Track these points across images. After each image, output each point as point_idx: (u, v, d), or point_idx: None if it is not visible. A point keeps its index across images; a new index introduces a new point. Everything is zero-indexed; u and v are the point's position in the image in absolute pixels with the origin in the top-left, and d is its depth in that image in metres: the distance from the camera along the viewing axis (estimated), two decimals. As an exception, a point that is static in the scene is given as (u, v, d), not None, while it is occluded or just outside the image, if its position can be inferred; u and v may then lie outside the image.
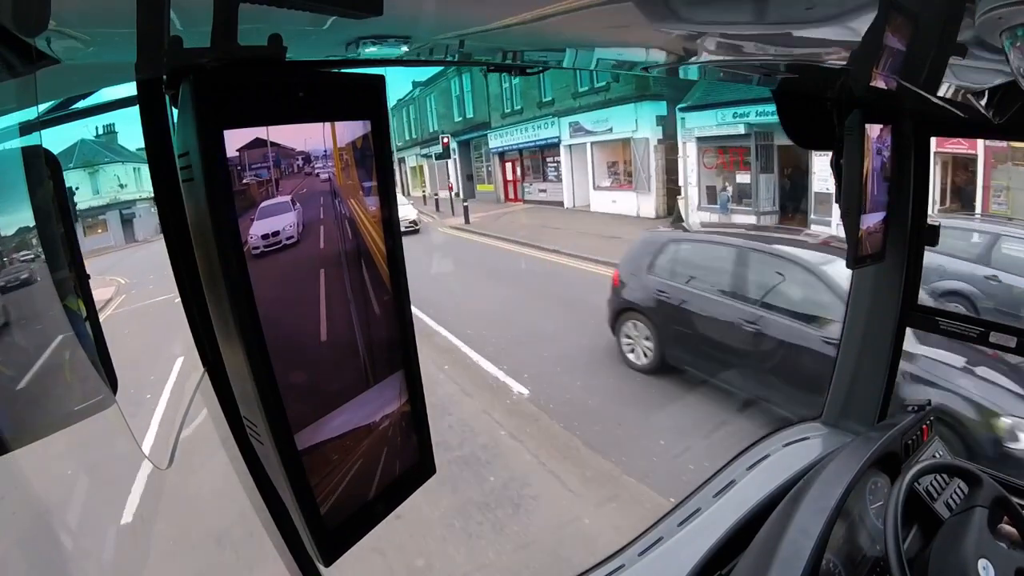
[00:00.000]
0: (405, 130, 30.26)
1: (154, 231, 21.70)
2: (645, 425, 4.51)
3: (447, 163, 24.80)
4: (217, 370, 0.64)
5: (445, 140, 22.24)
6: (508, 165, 22.15)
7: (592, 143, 17.09)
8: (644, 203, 15.28)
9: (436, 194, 23.60)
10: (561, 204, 18.81)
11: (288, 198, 0.60)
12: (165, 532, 3.64)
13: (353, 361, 0.65)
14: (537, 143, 19.53)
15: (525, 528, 3.40)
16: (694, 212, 13.52)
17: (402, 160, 31.12)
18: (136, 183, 23.45)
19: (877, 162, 1.47)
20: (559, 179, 19.15)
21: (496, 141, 21.77)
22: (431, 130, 26.78)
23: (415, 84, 27.49)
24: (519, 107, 20.15)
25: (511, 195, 22.08)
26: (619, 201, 16.20)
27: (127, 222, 22.73)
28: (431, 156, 26.48)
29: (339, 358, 0.63)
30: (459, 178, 24.51)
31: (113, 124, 22.93)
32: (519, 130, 20.24)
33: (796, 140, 1.57)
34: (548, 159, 19.68)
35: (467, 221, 17.34)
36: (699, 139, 13.34)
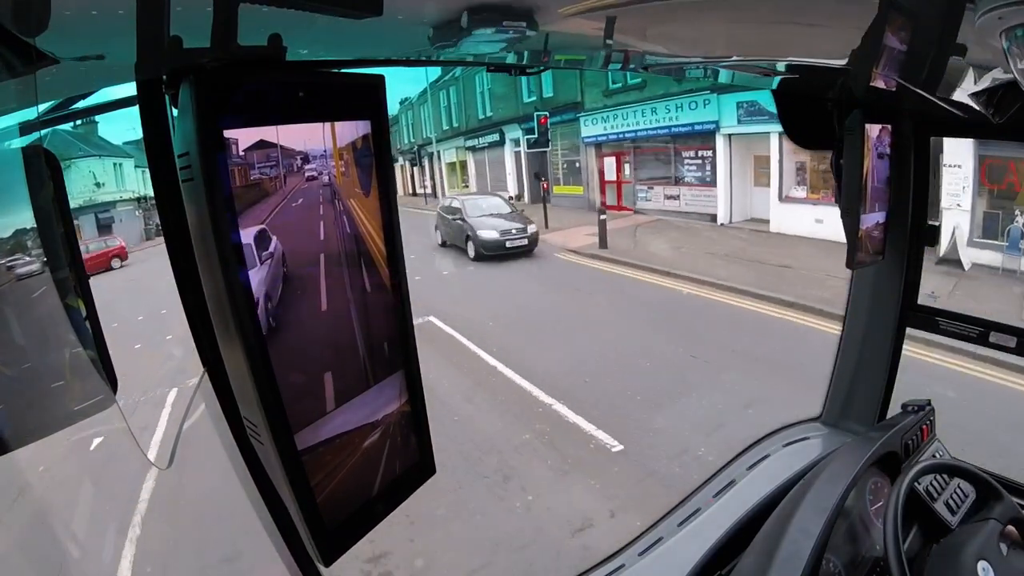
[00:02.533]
0: (443, 118, 24.58)
1: (138, 238, 18.68)
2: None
3: (526, 154, 18.50)
4: (217, 370, 0.64)
5: (544, 118, 15.43)
6: (609, 161, 16.06)
7: (781, 133, 9.56)
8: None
9: (512, 197, 17.32)
10: (711, 218, 13.00)
11: (252, 236, 0.53)
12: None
13: (353, 361, 0.65)
14: (671, 130, 13.67)
15: None
16: (962, 247, 8.63)
17: (435, 154, 25.65)
18: (116, 181, 19.26)
19: (877, 162, 1.47)
20: (706, 181, 13.31)
21: (592, 128, 16.00)
22: (481, 116, 21.46)
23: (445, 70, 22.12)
24: (637, 80, 14.21)
25: (610, 201, 15.90)
26: (828, 221, 9.94)
27: (104, 227, 18.74)
28: (481, 147, 21.37)
29: (339, 358, 0.63)
30: (524, 177, 19.29)
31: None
32: (635, 112, 14.45)
33: (796, 140, 1.57)
34: (685, 153, 13.74)
35: (603, 244, 11.34)
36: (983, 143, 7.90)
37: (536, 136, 15.61)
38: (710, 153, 13.08)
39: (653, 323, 6.98)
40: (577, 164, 17.20)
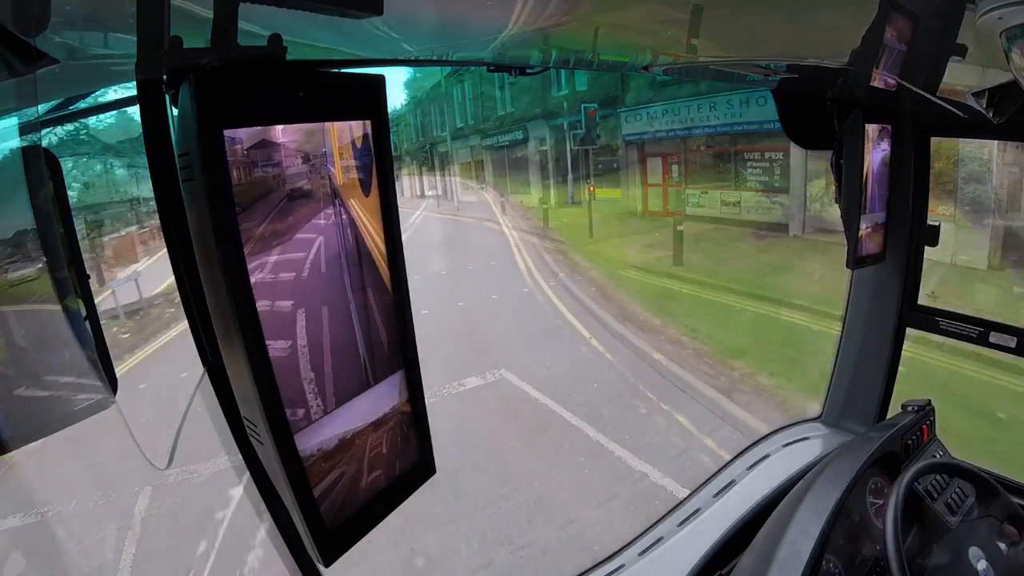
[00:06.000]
0: (457, 115, 23.26)
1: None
2: None
3: (553, 153, 16.85)
4: (217, 370, 0.64)
5: (592, 111, 13.50)
6: (653, 162, 14.28)
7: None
8: (972, 246, 7.42)
9: (546, 204, 15.96)
10: (780, 228, 11.11)
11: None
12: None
13: (353, 361, 0.65)
14: (733, 128, 11.84)
15: None
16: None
17: (447, 153, 24.42)
18: (106, 183, 17.05)
19: (877, 162, 1.47)
20: (774, 187, 11.42)
21: (635, 125, 14.05)
22: (501, 112, 19.95)
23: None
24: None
25: (655, 206, 14.26)
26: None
27: (91, 233, 17.80)
28: (501, 145, 19.92)
29: (339, 358, 0.63)
30: (551, 178, 17.78)
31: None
32: (689, 108, 12.65)
33: (796, 140, 1.57)
34: (748, 154, 12.05)
35: (679, 261, 9.46)
36: None
37: (583, 132, 13.73)
38: (780, 155, 11.21)
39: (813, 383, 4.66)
40: (615, 165, 15.10)
